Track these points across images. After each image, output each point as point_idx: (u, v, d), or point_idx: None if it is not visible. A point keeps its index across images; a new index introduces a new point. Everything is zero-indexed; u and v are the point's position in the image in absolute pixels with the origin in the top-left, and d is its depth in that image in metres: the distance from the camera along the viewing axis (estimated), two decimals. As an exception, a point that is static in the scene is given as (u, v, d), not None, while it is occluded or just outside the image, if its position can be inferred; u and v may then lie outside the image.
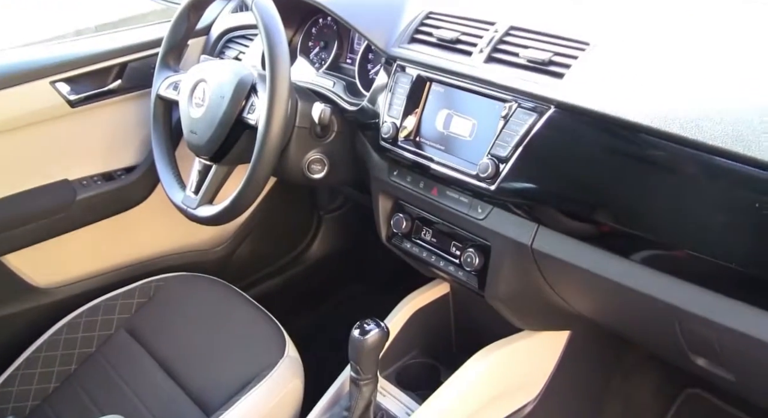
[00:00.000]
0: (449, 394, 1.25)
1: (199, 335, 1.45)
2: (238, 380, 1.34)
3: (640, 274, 0.96)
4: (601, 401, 1.53)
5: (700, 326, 0.92)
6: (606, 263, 1.00)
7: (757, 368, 0.96)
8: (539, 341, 1.34)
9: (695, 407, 1.59)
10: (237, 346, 1.42)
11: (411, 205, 1.32)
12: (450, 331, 1.53)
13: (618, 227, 0.98)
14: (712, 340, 0.95)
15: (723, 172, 0.87)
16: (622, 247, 0.98)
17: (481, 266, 1.19)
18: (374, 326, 1.20)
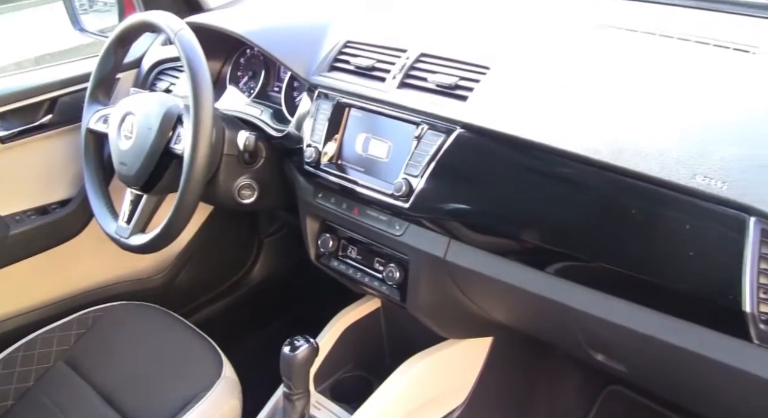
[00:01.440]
0: (377, 403, 1.31)
1: (137, 362, 1.48)
2: (176, 402, 1.37)
3: (542, 280, 1.04)
4: (527, 402, 1.61)
5: (594, 324, 1.00)
6: (511, 271, 1.08)
7: (642, 359, 1.04)
8: (463, 348, 1.41)
9: (616, 403, 1.68)
10: (175, 370, 1.45)
11: (336, 225, 1.38)
12: (382, 344, 1.59)
13: (520, 239, 1.06)
14: (604, 336, 1.03)
15: (605, 183, 0.95)
16: (524, 257, 1.06)
17: (402, 280, 1.26)
18: (304, 342, 1.25)
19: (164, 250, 1.89)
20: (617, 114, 1.00)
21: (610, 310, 0.97)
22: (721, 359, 0.87)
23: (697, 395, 1.04)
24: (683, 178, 0.88)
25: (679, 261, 0.88)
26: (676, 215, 0.89)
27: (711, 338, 0.87)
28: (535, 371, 1.61)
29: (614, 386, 1.69)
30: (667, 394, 1.11)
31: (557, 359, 1.63)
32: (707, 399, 1.03)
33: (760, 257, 0.82)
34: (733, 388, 0.91)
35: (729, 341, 0.86)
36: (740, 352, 0.85)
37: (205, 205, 1.97)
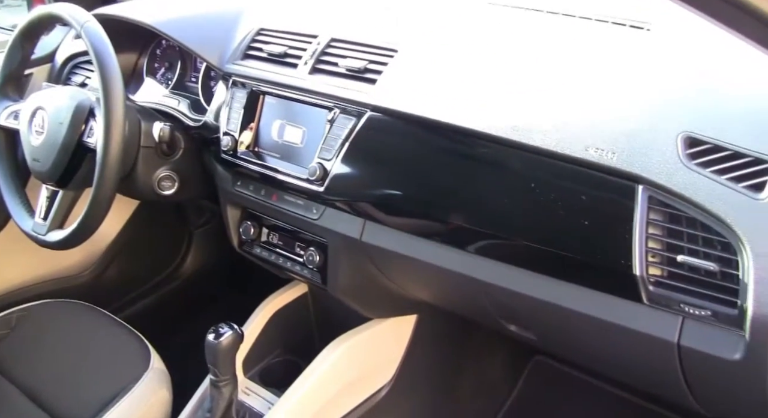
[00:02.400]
0: (304, 385, 1.33)
1: (63, 359, 1.46)
2: (104, 396, 1.37)
3: (451, 256, 1.07)
4: (454, 378, 1.65)
5: (501, 295, 1.04)
6: (421, 248, 1.11)
7: (548, 326, 1.09)
8: (388, 327, 1.44)
9: (542, 374, 1.74)
10: (102, 365, 1.44)
11: (257, 212, 1.39)
12: (311, 328, 1.61)
13: (430, 217, 1.09)
14: (511, 306, 1.07)
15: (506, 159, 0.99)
16: (434, 234, 1.09)
17: (322, 263, 1.28)
18: (228, 329, 1.27)
19: (90, 246, 1.89)
20: (518, 91, 1.04)
21: (515, 280, 1.00)
22: (617, 322, 0.91)
23: (603, 359, 1.09)
24: (577, 150, 0.92)
25: (577, 231, 0.93)
26: (572, 186, 0.93)
27: (607, 302, 0.92)
28: (461, 346, 1.65)
29: (540, 356, 1.74)
30: (578, 359, 1.15)
31: (483, 334, 1.67)
32: (612, 362, 1.08)
33: (648, 222, 0.86)
34: (631, 349, 0.95)
35: (623, 304, 0.90)
36: (633, 313, 0.90)
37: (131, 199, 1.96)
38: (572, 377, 1.67)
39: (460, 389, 1.66)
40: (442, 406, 1.63)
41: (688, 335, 0.86)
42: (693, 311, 0.84)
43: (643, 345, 0.91)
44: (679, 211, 0.84)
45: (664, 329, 0.87)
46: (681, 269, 0.85)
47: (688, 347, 0.86)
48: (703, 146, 0.84)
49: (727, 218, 0.80)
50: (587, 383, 1.65)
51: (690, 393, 0.94)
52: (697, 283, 0.84)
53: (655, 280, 0.86)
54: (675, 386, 0.94)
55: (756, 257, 0.78)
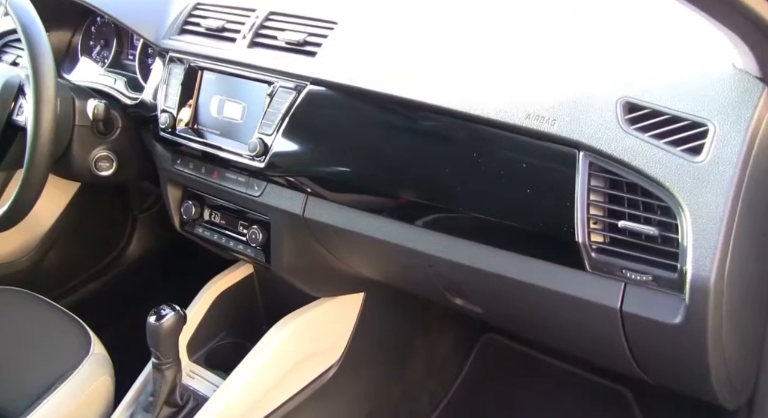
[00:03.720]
0: (249, 366, 1.30)
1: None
2: (41, 383, 1.32)
3: (393, 229, 1.06)
4: (404, 357, 1.64)
5: (445, 268, 1.03)
6: (364, 222, 1.09)
7: (494, 299, 1.08)
8: (336, 305, 1.42)
9: (492, 351, 1.74)
10: (40, 352, 1.39)
11: (198, 191, 1.36)
12: (258, 309, 1.58)
13: (370, 191, 1.07)
14: (459, 279, 1.06)
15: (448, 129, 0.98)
16: (376, 208, 1.08)
17: (265, 241, 1.26)
18: (169, 311, 1.23)
19: (28, 230, 1.83)
20: (459, 62, 1.02)
21: (460, 252, 0.99)
22: (560, 290, 0.91)
23: (549, 329, 1.09)
24: (518, 118, 0.91)
25: (519, 200, 0.92)
26: (514, 155, 0.92)
27: (550, 271, 0.91)
28: (411, 323, 1.65)
29: (489, 334, 1.74)
30: (525, 331, 1.15)
31: (433, 312, 1.67)
32: (557, 332, 1.08)
33: (589, 189, 0.86)
34: (576, 317, 0.95)
35: (566, 272, 0.90)
36: (576, 281, 0.89)
37: (71, 182, 1.90)
38: (523, 355, 1.67)
39: (410, 368, 1.65)
40: (393, 384, 1.62)
41: (630, 300, 0.86)
42: (634, 277, 0.84)
43: (587, 312, 0.91)
44: (620, 176, 0.84)
45: (606, 296, 0.87)
46: (622, 234, 0.84)
47: (630, 313, 0.86)
48: (642, 111, 0.84)
49: (666, 181, 0.80)
50: (538, 360, 1.66)
51: (634, 360, 0.95)
52: (638, 248, 0.84)
53: (597, 246, 0.86)
54: (619, 353, 0.94)
55: (694, 219, 0.78)
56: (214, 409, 1.27)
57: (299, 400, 1.40)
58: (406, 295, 1.45)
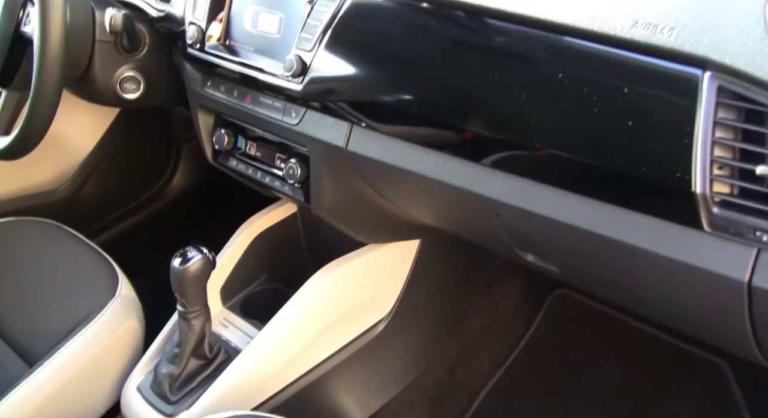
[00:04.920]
0: (288, 317, 1.15)
1: (24, 283, 1.31)
2: (64, 326, 1.21)
3: (455, 168, 0.86)
4: (463, 312, 1.46)
5: (518, 218, 0.83)
6: (420, 159, 0.90)
7: (574, 257, 0.88)
8: (387, 252, 1.25)
9: (564, 308, 1.55)
10: (65, 291, 1.28)
11: (230, 117, 1.19)
12: (301, 253, 1.42)
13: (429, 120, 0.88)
14: (529, 234, 0.86)
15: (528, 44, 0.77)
16: (435, 142, 0.88)
17: (304, 177, 1.08)
18: (196, 254, 1.08)
19: (66, 158, 1.71)
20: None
21: (534, 199, 0.79)
22: (665, 254, 0.70)
23: (644, 300, 0.88)
24: (620, 27, 0.69)
25: (617, 135, 0.71)
26: (613, 77, 0.71)
27: (653, 228, 0.70)
28: (471, 276, 1.46)
29: (562, 289, 1.55)
30: (612, 298, 0.95)
31: (497, 264, 1.48)
32: (655, 305, 0.87)
33: (715, 123, 0.64)
34: (683, 289, 0.74)
35: (675, 231, 0.69)
36: (690, 243, 0.68)
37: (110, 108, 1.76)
38: (600, 314, 1.47)
39: (470, 324, 1.47)
40: (448, 344, 1.44)
41: (763, 272, 0.64)
42: None
43: (700, 284, 0.70)
44: (763, 105, 0.61)
45: (730, 264, 0.66)
46: (758, 183, 0.63)
47: (761, 289, 0.65)
48: (800, 16, 0.61)
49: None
50: (617, 321, 1.46)
51: (756, 345, 0.74)
52: (781, 203, 0.62)
53: (722, 199, 0.65)
54: (737, 334, 0.74)
55: None
56: (246, 364, 1.13)
57: (342, 357, 1.25)
58: (466, 244, 1.26)
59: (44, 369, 1.13)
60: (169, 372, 1.12)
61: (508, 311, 1.53)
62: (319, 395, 1.22)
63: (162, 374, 1.12)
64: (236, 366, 1.12)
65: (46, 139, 1.64)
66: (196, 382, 1.13)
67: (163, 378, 1.12)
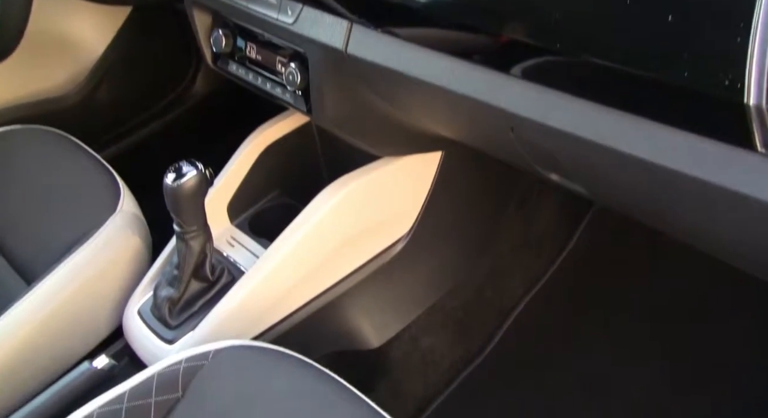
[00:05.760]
0: (296, 235, 1.06)
1: (23, 195, 1.24)
2: (62, 243, 1.15)
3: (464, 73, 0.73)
4: (493, 228, 1.34)
5: (535, 132, 0.70)
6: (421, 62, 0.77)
7: (600, 177, 0.75)
8: (407, 165, 1.13)
9: (605, 226, 1.42)
10: (65, 206, 1.22)
11: (227, 15, 1.06)
12: (317, 166, 1.31)
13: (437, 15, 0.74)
14: (549, 150, 0.73)
15: None
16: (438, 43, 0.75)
17: (305, 84, 0.96)
18: (191, 169, 0.99)
19: (76, 62, 1.62)
20: None
21: (552, 111, 0.66)
22: (710, 179, 0.57)
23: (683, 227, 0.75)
24: None
25: (650, 32, 0.56)
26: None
27: (695, 148, 0.57)
28: (503, 191, 1.33)
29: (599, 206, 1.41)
30: (645, 222, 0.82)
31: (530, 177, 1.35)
32: (696, 233, 0.74)
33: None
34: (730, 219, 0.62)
35: (720, 152, 0.56)
36: (736, 166, 0.55)
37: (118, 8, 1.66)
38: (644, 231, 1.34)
39: (500, 243, 1.36)
40: (476, 263, 1.34)
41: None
42: None
43: (750, 217, 0.57)
44: None
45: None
46: (830, 94, 0.49)
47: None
48: None
49: None
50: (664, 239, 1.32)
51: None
52: None
53: (782, 113, 0.51)
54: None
55: None
56: (248, 287, 1.05)
57: (357, 279, 1.15)
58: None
59: (42, 288, 1.08)
60: (168, 296, 1.05)
61: (544, 228, 1.41)
62: (331, 320, 1.14)
63: (161, 297, 1.05)
64: (238, 290, 1.04)
65: (54, 42, 1.55)
66: (197, 306, 1.07)
67: (162, 302, 1.05)
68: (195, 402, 0.86)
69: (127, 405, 0.86)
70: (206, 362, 0.89)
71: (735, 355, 1.25)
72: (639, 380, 1.24)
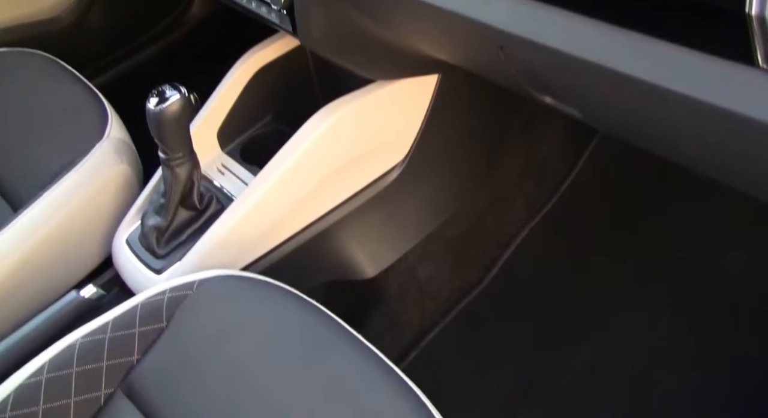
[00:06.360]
0: (286, 161, 1.02)
1: (10, 120, 1.22)
2: (49, 169, 1.12)
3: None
4: (494, 154, 1.29)
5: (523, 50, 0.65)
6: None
7: (594, 102, 0.70)
8: (402, 88, 1.08)
9: (611, 151, 1.37)
10: (52, 132, 1.19)
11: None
12: (312, 90, 1.27)
13: None
14: (540, 70, 0.68)
15: None
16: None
17: (290, 2, 0.91)
18: (174, 93, 0.94)
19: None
20: None
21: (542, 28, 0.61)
22: (708, 99, 0.52)
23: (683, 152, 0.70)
24: None
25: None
26: None
27: (690, 64, 0.52)
28: (505, 116, 1.28)
29: (607, 130, 1.36)
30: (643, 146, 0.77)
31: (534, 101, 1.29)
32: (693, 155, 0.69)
33: None
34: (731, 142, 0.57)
35: (718, 68, 0.51)
36: (735, 84, 0.50)
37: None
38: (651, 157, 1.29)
39: (501, 170, 1.31)
40: (476, 190, 1.29)
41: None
42: None
43: (750, 140, 0.53)
44: None
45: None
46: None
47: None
48: None
49: None
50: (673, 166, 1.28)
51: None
52: None
53: (786, 24, 0.46)
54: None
55: None
56: (237, 216, 1.02)
57: (351, 207, 1.12)
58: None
59: (28, 215, 1.06)
60: (155, 224, 1.02)
61: (548, 154, 1.36)
62: (324, 250, 1.11)
63: (148, 226, 1.03)
64: (226, 218, 1.01)
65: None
66: (185, 235, 1.04)
67: (149, 231, 1.03)
68: (179, 332, 0.85)
69: (111, 335, 0.85)
70: (191, 292, 0.87)
71: (739, 286, 1.21)
72: (639, 314, 1.22)
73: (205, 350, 0.82)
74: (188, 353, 0.82)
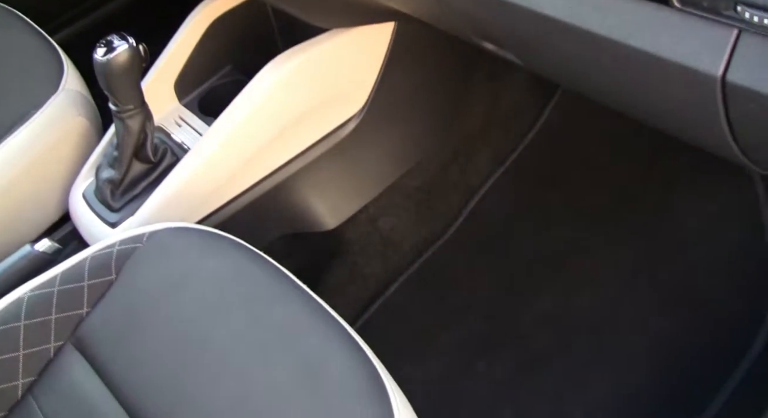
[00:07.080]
0: (240, 111, 1.01)
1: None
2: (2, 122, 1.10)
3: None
4: (457, 106, 1.28)
5: None
6: None
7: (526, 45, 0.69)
8: (358, 36, 1.06)
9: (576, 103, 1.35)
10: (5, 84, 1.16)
11: None
12: (273, 40, 1.24)
13: None
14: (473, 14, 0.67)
15: None
16: None
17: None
18: (122, 43, 0.93)
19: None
20: None
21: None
22: (623, 40, 0.51)
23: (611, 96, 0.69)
24: None
25: None
26: None
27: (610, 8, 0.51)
28: (468, 65, 1.25)
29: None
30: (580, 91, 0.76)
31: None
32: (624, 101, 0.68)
33: None
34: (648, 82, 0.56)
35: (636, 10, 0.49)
36: (652, 26, 0.49)
37: None
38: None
39: (465, 120, 1.30)
40: (439, 140, 1.28)
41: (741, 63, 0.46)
42: (756, 18, 0.43)
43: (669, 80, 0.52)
44: None
45: (700, 54, 0.47)
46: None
47: (739, 86, 0.46)
48: None
49: None
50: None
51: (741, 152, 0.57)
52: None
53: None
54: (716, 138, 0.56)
55: None
56: (191, 168, 1.01)
57: (308, 159, 1.11)
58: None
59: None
60: (109, 177, 1.02)
61: (513, 104, 1.35)
62: (282, 202, 1.11)
63: (102, 179, 1.02)
64: (179, 171, 1.00)
65: None
66: (139, 188, 1.03)
67: (104, 184, 1.02)
68: (127, 285, 0.84)
69: (59, 288, 0.84)
70: (140, 244, 0.87)
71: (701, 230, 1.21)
72: (603, 257, 1.22)
73: (153, 302, 0.82)
74: (136, 304, 0.82)
